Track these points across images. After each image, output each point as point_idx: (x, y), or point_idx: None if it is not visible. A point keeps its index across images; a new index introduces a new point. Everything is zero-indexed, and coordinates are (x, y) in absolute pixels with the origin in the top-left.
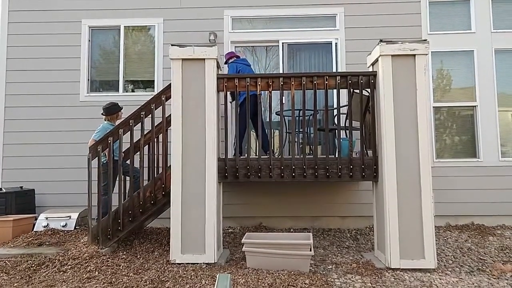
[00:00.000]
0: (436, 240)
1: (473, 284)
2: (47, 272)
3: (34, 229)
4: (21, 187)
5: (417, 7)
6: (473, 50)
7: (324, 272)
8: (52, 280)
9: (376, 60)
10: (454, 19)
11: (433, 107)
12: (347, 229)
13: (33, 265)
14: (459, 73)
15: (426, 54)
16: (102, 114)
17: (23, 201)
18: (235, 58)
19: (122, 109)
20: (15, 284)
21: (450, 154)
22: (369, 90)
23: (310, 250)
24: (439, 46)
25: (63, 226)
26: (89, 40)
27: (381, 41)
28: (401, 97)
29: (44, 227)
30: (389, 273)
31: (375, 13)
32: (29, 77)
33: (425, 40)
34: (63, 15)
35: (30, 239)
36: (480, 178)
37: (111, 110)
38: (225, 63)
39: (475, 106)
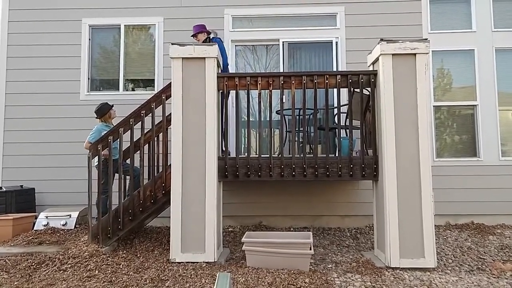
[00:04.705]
0: (436, 239)
1: (472, 283)
2: (47, 271)
3: (34, 228)
4: (21, 185)
5: (417, 6)
6: (473, 49)
7: (324, 271)
8: (52, 279)
9: (377, 59)
10: (454, 18)
11: (434, 106)
12: (347, 228)
13: (33, 263)
14: (460, 72)
15: (427, 53)
16: (96, 117)
17: (23, 200)
18: (206, 34)
19: (113, 106)
20: (15, 283)
21: (450, 153)
22: (369, 89)
23: (310, 249)
24: (440, 45)
25: (63, 225)
26: (89, 39)
27: (381, 40)
28: (401, 96)
29: (44, 226)
30: (389, 272)
31: (375, 12)
32: (30, 76)
33: (426, 39)
34: (64, 13)
35: (30, 237)
36: (480, 177)
37: (103, 110)
38: (194, 36)
39: (476, 105)
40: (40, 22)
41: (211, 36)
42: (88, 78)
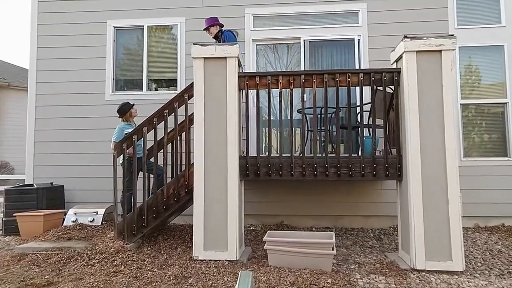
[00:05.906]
0: (464, 242)
1: (503, 287)
2: (76, 266)
3: (64, 224)
4: (51, 183)
5: (443, 1)
6: (503, 45)
7: (346, 272)
8: (81, 273)
9: (400, 57)
10: (482, 12)
11: (461, 104)
12: (370, 228)
13: (63, 258)
14: (489, 69)
15: (453, 50)
16: (118, 117)
17: (53, 197)
18: (218, 27)
19: (133, 105)
20: (46, 277)
21: (479, 153)
22: (392, 87)
23: (333, 249)
24: (467, 41)
25: (90, 221)
26: (114, 40)
27: (405, 37)
28: (426, 94)
29: (73, 222)
30: (414, 274)
31: (399, 8)
32: (58, 76)
33: (452, 35)
34: (89, 16)
35: (60, 233)
36: (511, 178)
37: (124, 109)
38: (206, 29)
39: (506, 103)
40: (67, 24)
41: (223, 29)
42: (113, 79)
